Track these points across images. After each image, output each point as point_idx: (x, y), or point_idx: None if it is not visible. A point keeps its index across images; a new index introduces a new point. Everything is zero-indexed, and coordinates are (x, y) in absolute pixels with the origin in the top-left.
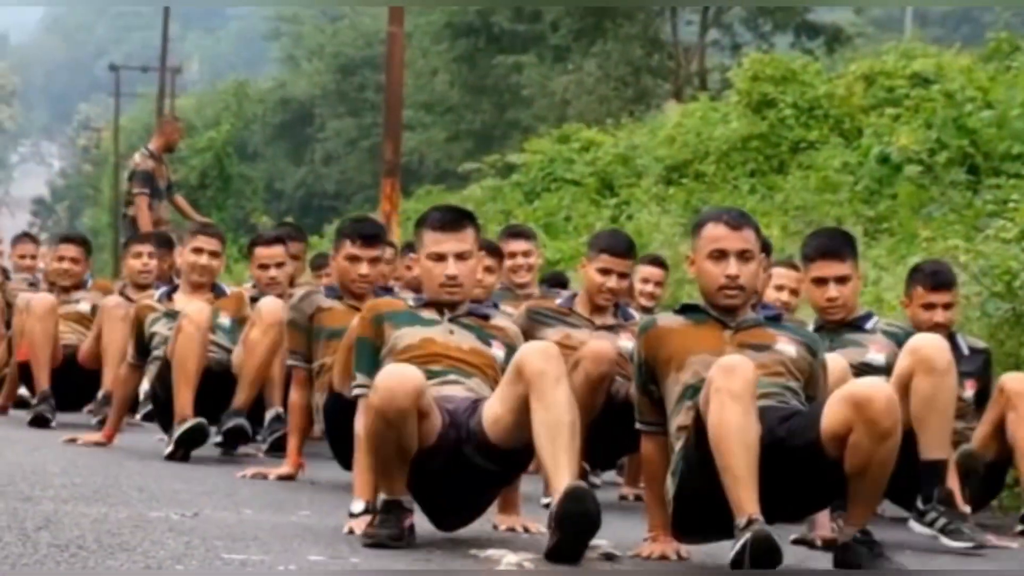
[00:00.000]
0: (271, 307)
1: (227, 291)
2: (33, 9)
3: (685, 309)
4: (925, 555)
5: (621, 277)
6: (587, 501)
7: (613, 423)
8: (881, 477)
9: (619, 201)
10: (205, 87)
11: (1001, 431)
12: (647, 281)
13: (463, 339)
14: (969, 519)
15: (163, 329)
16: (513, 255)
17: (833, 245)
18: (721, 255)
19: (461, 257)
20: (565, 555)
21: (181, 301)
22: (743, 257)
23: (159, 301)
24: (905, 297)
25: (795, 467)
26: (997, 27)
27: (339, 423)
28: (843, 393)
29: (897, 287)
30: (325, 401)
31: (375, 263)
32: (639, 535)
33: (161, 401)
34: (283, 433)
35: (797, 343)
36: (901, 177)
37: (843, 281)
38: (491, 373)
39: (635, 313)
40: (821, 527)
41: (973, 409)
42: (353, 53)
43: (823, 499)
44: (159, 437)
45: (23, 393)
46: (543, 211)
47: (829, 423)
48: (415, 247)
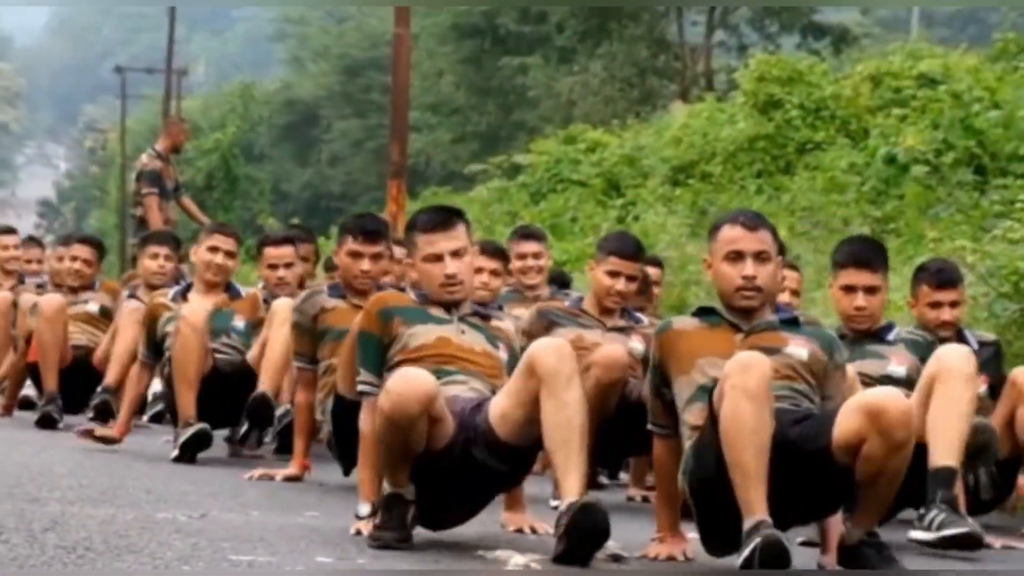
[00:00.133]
0: (285, 305)
1: (242, 293)
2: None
3: (701, 312)
4: (932, 558)
5: (629, 280)
6: (596, 515)
7: (626, 422)
8: (892, 485)
9: (625, 202)
10: (211, 89)
11: (1012, 427)
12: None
13: (475, 340)
14: (970, 522)
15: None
16: (523, 256)
17: (866, 255)
18: (738, 256)
19: (457, 254)
20: (573, 562)
21: (196, 300)
22: (760, 258)
23: (173, 300)
24: (911, 297)
25: (805, 471)
26: (1004, 27)
27: (344, 425)
28: (857, 403)
29: (904, 288)
30: (332, 404)
31: (377, 259)
32: (646, 536)
33: (171, 402)
34: (290, 421)
35: (811, 345)
36: (908, 178)
37: (872, 292)
38: (497, 376)
39: (643, 316)
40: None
41: (990, 403)
42: (359, 54)
43: (831, 504)
44: (166, 439)
45: (30, 394)
46: (549, 212)
47: (842, 432)
48: (409, 253)
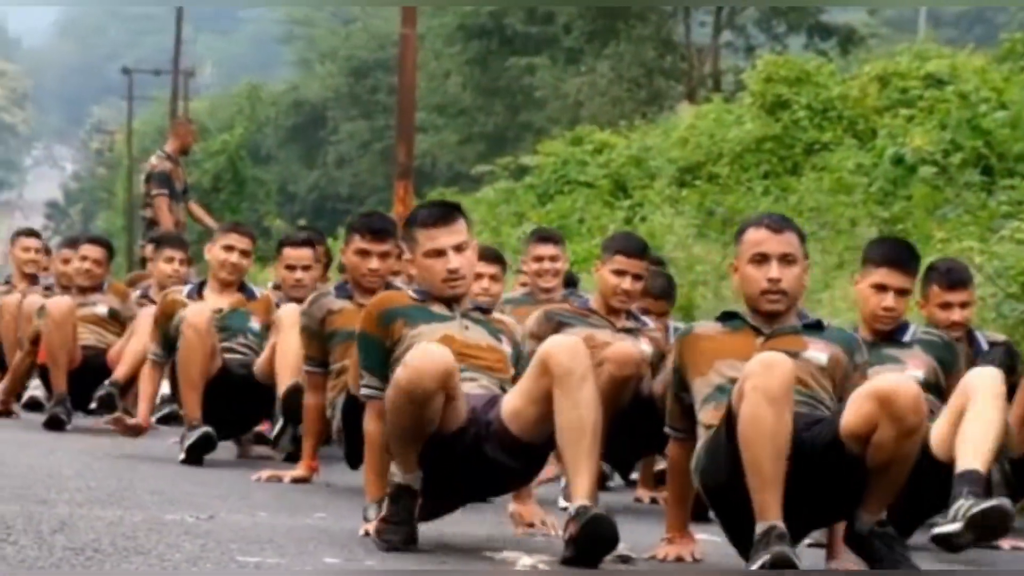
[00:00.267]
0: (291, 311)
1: (257, 294)
2: (46, 13)
3: (724, 316)
4: (941, 562)
5: (635, 278)
6: (605, 526)
7: (638, 419)
8: (903, 471)
9: (632, 203)
10: (218, 90)
11: None
12: None
13: (479, 336)
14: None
15: None
16: (540, 259)
17: (902, 257)
18: (763, 259)
19: (459, 249)
20: (580, 566)
21: (212, 299)
22: (785, 260)
23: (188, 297)
24: (921, 298)
25: (816, 466)
26: (1011, 28)
27: (355, 424)
28: (867, 390)
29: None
30: (343, 401)
31: (385, 258)
32: (654, 538)
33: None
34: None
35: (832, 348)
36: (915, 178)
37: (903, 294)
38: (503, 370)
39: (648, 320)
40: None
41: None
42: (366, 56)
43: (844, 500)
44: (173, 440)
45: (38, 395)
46: (556, 213)
47: (852, 420)
48: (408, 248)
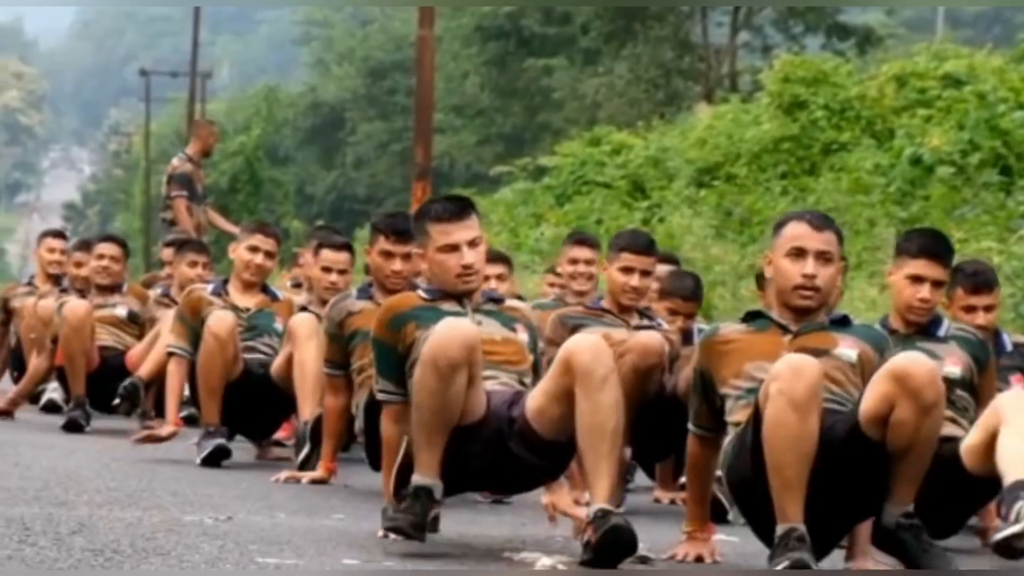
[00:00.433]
0: (306, 321)
1: (279, 296)
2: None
3: (749, 316)
4: (970, 556)
5: (644, 275)
6: (624, 536)
7: (663, 419)
8: (926, 454)
9: (650, 203)
10: (235, 92)
11: None
12: (658, 279)
13: (493, 329)
14: None
15: None
16: (575, 262)
17: (939, 248)
18: (800, 253)
19: (473, 244)
20: (599, 567)
21: (236, 298)
22: (822, 258)
23: (214, 294)
24: (946, 299)
25: (838, 457)
26: None
27: (377, 424)
28: (883, 371)
29: None
30: (365, 400)
31: (408, 259)
32: (672, 538)
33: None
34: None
35: (861, 345)
36: (933, 178)
37: (938, 286)
38: (523, 359)
39: (662, 320)
40: (861, 554)
41: None
42: (383, 57)
43: (867, 495)
44: (192, 441)
45: (55, 398)
46: (574, 214)
47: (870, 402)
48: (420, 244)
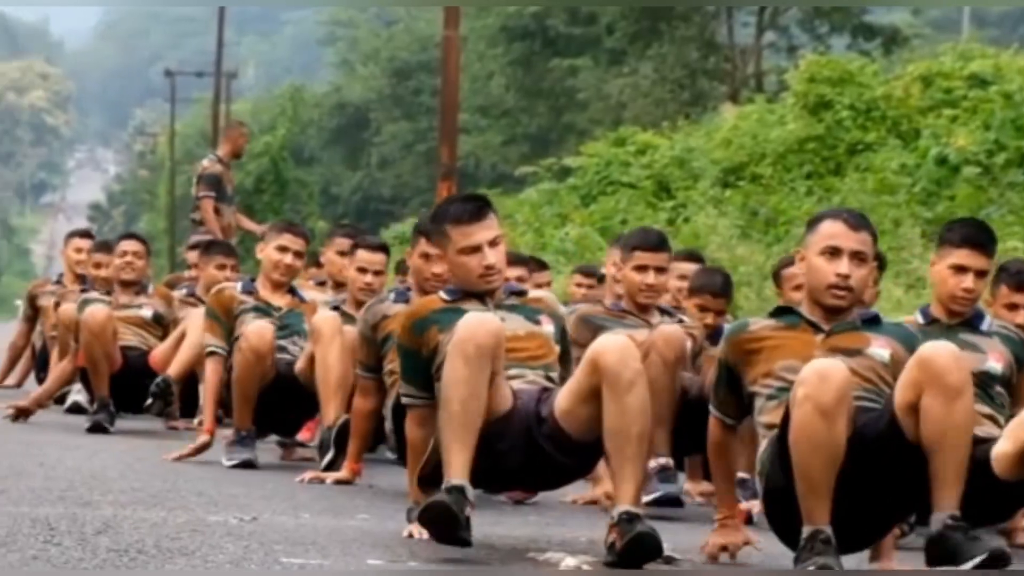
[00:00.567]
0: (328, 320)
1: (306, 298)
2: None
3: (779, 312)
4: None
5: (658, 271)
6: (649, 544)
7: (683, 420)
8: (960, 446)
9: (675, 204)
10: (261, 92)
11: None
12: (685, 278)
13: (516, 325)
14: None
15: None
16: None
17: (982, 238)
18: (835, 252)
19: (493, 243)
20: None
21: (267, 297)
22: (857, 258)
23: (245, 292)
24: (989, 296)
25: (872, 455)
26: None
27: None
28: (910, 361)
29: None
30: (393, 402)
31: None
32: (698, 539)
33: (227, 405)
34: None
35: (893, 344)
36: (959, 178)
37: (981, 276)
38: (549, 352)
39: (684, 316)
40: (887, 555)
41: None
42: (408, 57)
43: (902, 499)
44: (223, 440)
45: (80, 400)
46: (599, 214)
47: (900, 392)
48: (439, 245)
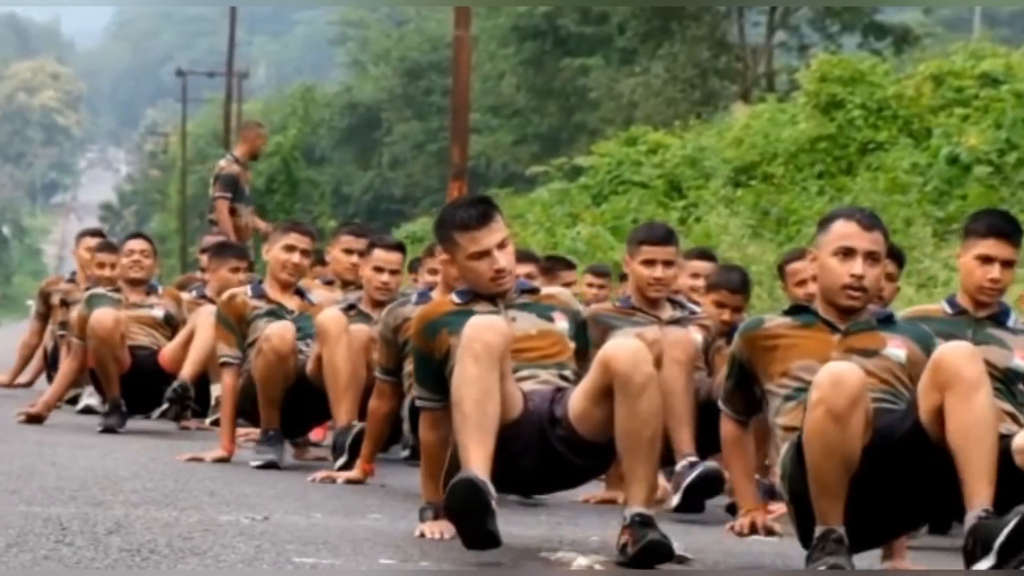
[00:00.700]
0: (334, 320)
1: (315, 300)
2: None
3: (794, 311)
4: None
5: (666, 265)
6: (661, 550)
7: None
8: (985, 440)
9: (687, 203)
10: (272, 92)
11: None
12: (697, 276)
13: (528, 324)
14: None
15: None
16: (696, 276)
17: (1008, 228)
18: (848, 253)
19: (502, 246)
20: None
21: (278, 299)
22: (870, 258)
23: (255, 296)
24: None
25: (894, 457)
26: None
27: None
28: (926, 368)
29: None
30: (410, 403)
31: None
32: (711, 538)
33: (255, 411)
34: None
35: (909, 345)
36: (971, 177)
37: (1008, 266)
38: (563, 349)
39: (696, 308)
40: (899, 554)
41: None
42: (419, 57)
43: (923, 502)
44: (245, 436)
45: (92, 403)
46: (611, 214)
47: (924, 400)
48: (447, 251)
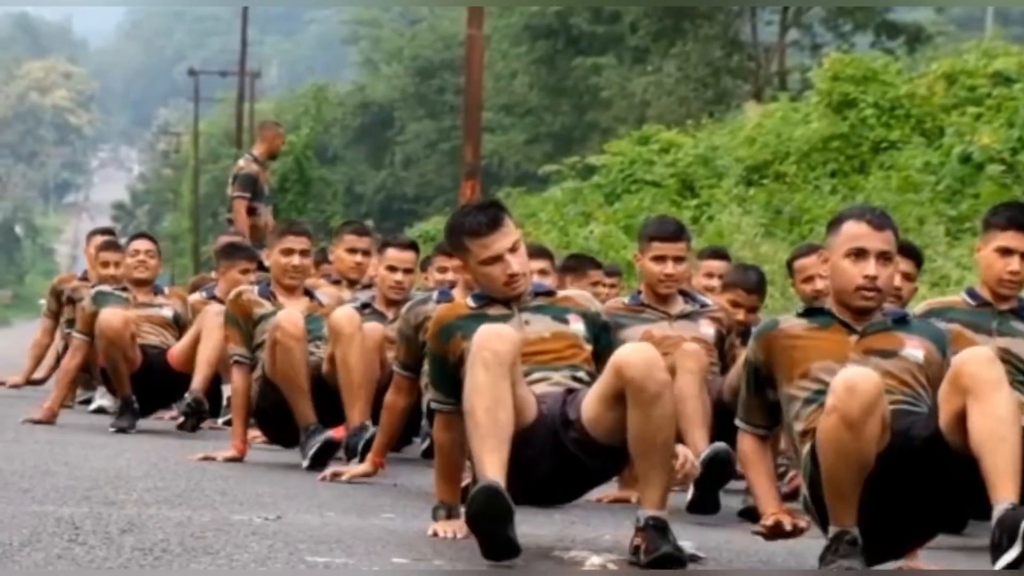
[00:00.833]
0: (348, 319)
1: (324, 301)
2: (111, 15)
3: (809, 312)
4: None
5: (676, 261)
6: (672, 563)
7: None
8: (1007, 438)
9: (699, 202)
10: (284, 91)
11: None
12: (711, 275)
13: (541, 326)
14: None
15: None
16: (711, 275)
17: None
18: (860, 254)
19: (513, 250)
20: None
21: (284, 302)
22: (883, 258)
23: (262, 296)
24: None
25: (916, 462)
26: None
27: None
28: (946, 377)
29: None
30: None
31: None
32: (723, 537)
33: (267, 415)
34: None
35: (926, 345)
36: (983, 176)
37: None
38: (577, 352)
39: (708, 300)
40: (913, 553)
41: None
42: (432, 56)
43: (943, 509)
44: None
45: (105, 404)
46: (623, 213)
47: (945, 407)
48: (459, 257)
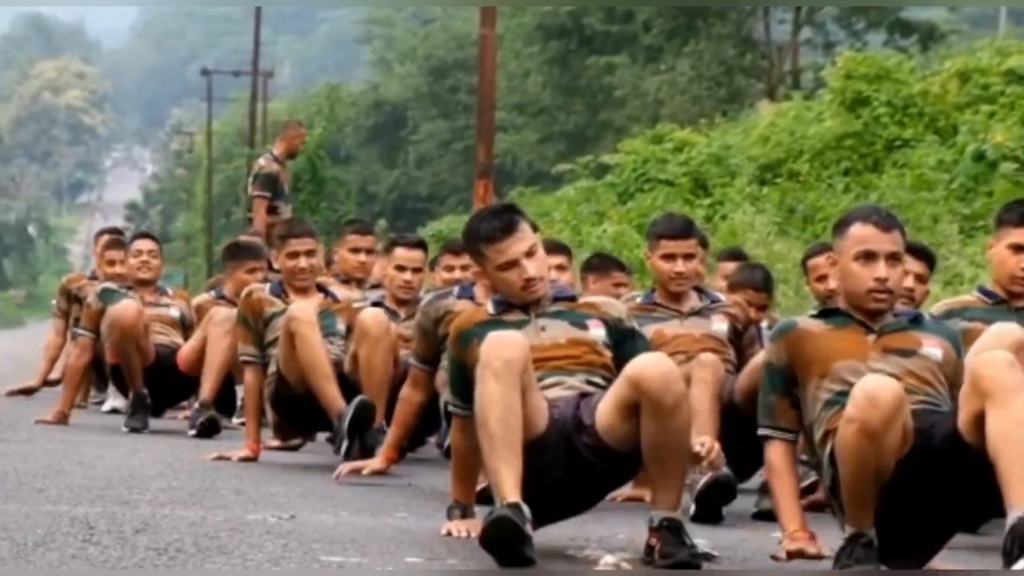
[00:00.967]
0: (375, 319)
1: (339, 296)
2: (124, 15)
3: (825, 313)
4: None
5: (687, 259)
6: (688, 566)
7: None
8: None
9: (713, 201)
10: (297, 91)
11: None
12: (728, 277)
13: (557, 332)
14: None
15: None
16: (727, 277)
17: None
18: (869, 257)
19: (530, 254)
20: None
21: (299, 301)
22: (892, 259)
23: (273, 295)
24: None
25: (937, 463)
26: None
27: None
28: (965, 381)
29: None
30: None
31: None
32: (736, 537)
33: (284, 409)
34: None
35: (944, 344)
36: (997, 174)
37: None
38: (595, 358)
39: (720, 296)
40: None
41: None
42: (445, 55)
43: (961, 510)
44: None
45: (118, 405)
46: (637, 212)
47: (964, 405)
48: (477, 263)
